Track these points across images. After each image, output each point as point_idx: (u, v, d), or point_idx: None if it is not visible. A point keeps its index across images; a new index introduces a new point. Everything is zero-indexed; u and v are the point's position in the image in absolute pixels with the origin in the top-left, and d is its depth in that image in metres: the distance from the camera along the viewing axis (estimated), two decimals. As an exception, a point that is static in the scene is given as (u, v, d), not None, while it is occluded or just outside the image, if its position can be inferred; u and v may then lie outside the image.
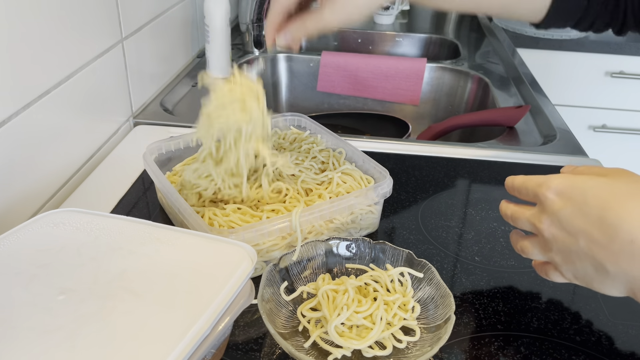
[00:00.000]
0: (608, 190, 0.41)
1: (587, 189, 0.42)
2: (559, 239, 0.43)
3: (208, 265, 0.42)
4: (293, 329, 0.50)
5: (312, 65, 1.25)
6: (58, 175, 0.69)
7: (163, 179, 0.60)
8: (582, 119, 1.66)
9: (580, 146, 0.87)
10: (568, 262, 0.44)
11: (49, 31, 0.64)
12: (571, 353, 0.50)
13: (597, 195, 0.41)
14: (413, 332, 0.50)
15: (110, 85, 0.81)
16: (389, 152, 0.83)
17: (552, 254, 0.45)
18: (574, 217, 0.42)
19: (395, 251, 0.56)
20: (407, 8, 1.60)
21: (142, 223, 0.47)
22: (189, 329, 0.36)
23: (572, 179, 0.43)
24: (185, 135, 0.69)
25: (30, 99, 0.62)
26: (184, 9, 1.07)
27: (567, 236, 0.43)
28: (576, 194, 0.42)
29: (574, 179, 0.43)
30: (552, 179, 0.44)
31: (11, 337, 0.35)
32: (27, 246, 0.43)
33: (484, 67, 1.23)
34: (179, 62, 1.09)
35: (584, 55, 1.55)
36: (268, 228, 0.54)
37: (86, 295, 0.38)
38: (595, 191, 0.41)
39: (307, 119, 0.76)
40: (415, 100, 1.23)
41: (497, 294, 0.57)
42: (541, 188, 0.44)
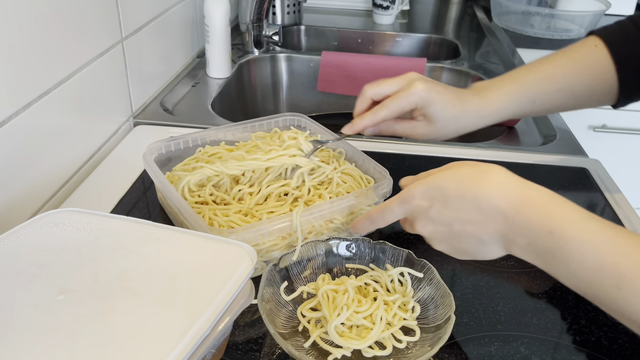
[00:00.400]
0: (458, 180, 0.48)
1: (442, 185, 0.49)
2: (436, 233, 0.50)
3: (208, 265, 0.42)
4: (293, 329, 0.50)
5: (312, 65, 1.25)
6: (58, 175, 0.69)
7: (163, 179, 0.60)
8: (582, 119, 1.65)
9: (580, 146, 0.87)
10: (452, 247, 0.51)
11: (49, 31, 0.64)
12: (571, 353, 0.50)
13: (451, 187, 0.48)
14: (413, 332, 0.50)
15: (110, 85, 0.81)
16: (389, 152, 0.83)
17: (437, 245, 0.52)
18: (442, 211, 0.48)
19: (395, 251, 0.56)
20: (407, 8, 1.60)
21: (142, 223, 0.47)
22: (189, 329, 0.36)
23: (426, 182, 0.50)
24: (185, 136, 0.69)
25: (30, 99, 0.62)
26: (184, 9, 1.07)
27: (442, 227, 0.49)
28: (435, 193, 0.49)
29: (427, 181, 0.50)
30: (410, 190, 0.50)
31: (11, 337, 0.35)
32: (27, 246, 0.43)
33: (484, 67, 1.22)
34: (179, 62, 1.09)
35: (584, 55, 1.54)
36: (268, 228, 0.54)
37: (86, 295, 0.38)
38: (449, 184, 0.48)
39: (307, 119, 0.76)
40: (415, 100, 1.23)
41: (497, 294, 0.57)
42: (406, 202, 0.51)
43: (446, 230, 0.49)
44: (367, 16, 1.58)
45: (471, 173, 0.48)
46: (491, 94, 0.65)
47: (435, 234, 0.50)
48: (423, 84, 0.62)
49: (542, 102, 0.65)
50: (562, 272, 0.43)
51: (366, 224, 0.55)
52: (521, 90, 0.65)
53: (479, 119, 0.65)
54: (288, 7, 1.41)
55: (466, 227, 0.48)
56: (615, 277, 0.39)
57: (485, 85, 0.67)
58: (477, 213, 0.47)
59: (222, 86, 1.06)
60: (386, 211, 0.53)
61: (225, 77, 1.09)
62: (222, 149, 0.68)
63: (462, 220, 0.48)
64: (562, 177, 0.79)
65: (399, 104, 0.62)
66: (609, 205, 0.73)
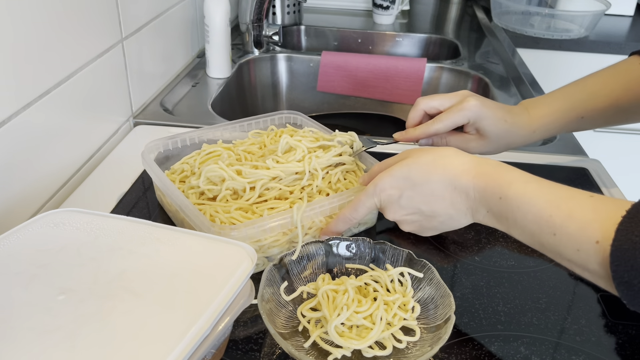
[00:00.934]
0: (421, 166, 0.53)
1: (408, 174, 0.54)
2: (408, 216, 0.55)
3: (208, 265, 0.42)
4: (293, 329, 0.50)
5: (312, 65, 1.25)
6: (58, 175, 0.69)
7: (162, 176, 0.60)
8: (582, 119, 1.65)
9: (580, 146, 0.87)
10: (422, 227, 0.56)
11: (49, 31, 0.64)
12: (571, 353, 0.50)
13: (417, 174, 0.53)
14: (413, 332, 0.50)
15: (110, 85, 0.81)
16: (389, 152, 0.83)
17: (407, 227, 0.57)
18: (411, 197, 0.54)
19: (395, 251, 0.56)
20: (407, 8, 1.60)
21: (142, 223, 0.47)
22: (189, 329, 0.36)
23: (392, 173, 0.54)
24: (183, 134, 0.69)
25: (30, 99, 0.62)
26: (184, 9, 1.07)
27: (413, 211, 0.55)
28: (403, 182, 0.54)
29: (392, 171, 0.54)
30: (378, 182, 0.55)
31: (11, 337, 0.35)
32: (27, 246, 0.43)
33: (484, 67, 1.22)
34: (179, 62, 1.09)
35: (584, 55, 1.54)
36: (269, 224, 0.54)
37: (86, 295, 0.38)
38: (414, 172, 0.53)
39: (303, 117, 0.76)
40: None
41: (497, 294, 0.57)
42: (377, 195, 0.55)
43: (417, 213, 0.55)
44: (367, 16, 1.58)
45: (432, 159, 0.53)
46: (540, 110, 0.68)
47: (406, 217, 0.56)
48: (476, 99, 0.65)
49: (590, 118, 0.68)
50: (515, 230, 0.49)
51: (340, 225, 0.58)
52: (569, 107, 0.67)
53: (529, 134, 0.68)
54: (288, 7, 1.41)
55: (435, 207, 0.54)
56: (550, 226, 0.46)
57: (534, 102, 0.69)
58: (444, 194, 0.52)
59: (222, 86, 1.06)
60: (358, 205, 0.57)
61: (225, 77, 1.09)
62: (220, 147, 0.68)
63: (430, 202, 0.53)
64: (562, 177, 0.79)
65: (453, 118, 0.65)
66: (609, 205, 0.73)
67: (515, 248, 0.63)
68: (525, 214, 0.47)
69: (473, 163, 0.52)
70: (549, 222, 0.46)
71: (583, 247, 0.43)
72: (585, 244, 0.43)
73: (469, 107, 0.64)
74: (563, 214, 0.45)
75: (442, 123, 0.65)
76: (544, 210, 0.46)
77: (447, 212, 0.53)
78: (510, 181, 0.49)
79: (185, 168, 0.66)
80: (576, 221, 0.44)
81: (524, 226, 0.48)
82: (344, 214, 0.58)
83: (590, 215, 0.44)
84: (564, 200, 0.46)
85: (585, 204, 0.45)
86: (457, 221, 0.54)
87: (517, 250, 0.63)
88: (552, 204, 0.46)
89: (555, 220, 0.45)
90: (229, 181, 0.59)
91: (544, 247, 0.47)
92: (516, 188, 0.48)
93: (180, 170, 0.66)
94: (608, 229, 0.41)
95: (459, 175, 0.52)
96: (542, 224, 0.46)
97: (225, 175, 0.59)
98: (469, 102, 0.65)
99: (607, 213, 0.42)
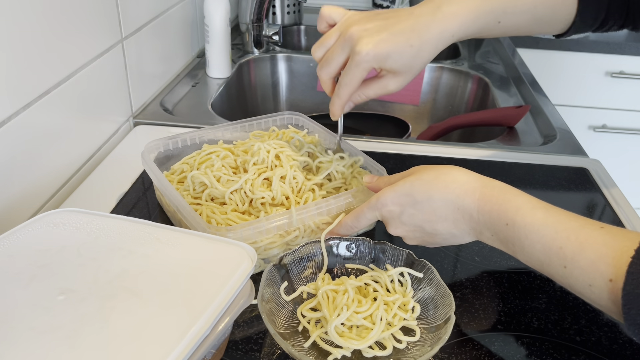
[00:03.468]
0: (424, 184, 0.52)
1: (410, 191, 0.52)
2: (409, 232, 0.54)
3: (208, 265, 0.42)
4: (293, 329, 0.50)
5: (312, 65, 1.25)
6: (58, 175, 0.69)
7: (161, 176, 0.60)
8: (582, 119, 1.65)
9: (580, 146, 0.87)
10: (425, 242, 0.55)
11: (49, 31, 0.64)
12: (571, 353, 0.50)
13: (419, 192, 0.52)
14: (413, 332, 0.50)
15: (110, 85, 0.81)
16: (389, 152, 0.83)
17: (410, 241, 0.56)
18: (413, 214, 0.53)
19: (395, 251, 0.56)
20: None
21: (142, 223, 0.47)
22: (189, 329, 0.36)
23: (395, 189, 0.53)
24: (183, 134, 0.69)
25: (30, 99, 0.62)
26: (184, 9, 1.07)
27: (415, 229, 0.54)
28: (404, 199, 0.53)
29: (396, 188, 0.53)
30: (381, 197, 0.54)
31: (11, 337, 0.35)
32: (27, 246, 0.43)
33: (484, 67, 1.22)
34: (179, 62, 1.09)
35: (584, 55, 1.55)
36: (266, 225, 0.54)
37: (86, 295, 0.38)
38: (416, 189, 0.52)
39: (305, 118, 0.76)
40: (415, 100, 1.23)
41: (497, 294, 0.57)
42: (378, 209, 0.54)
43: (418, 230, 0.54)
44: (367, 16, 1.57)
45: (435, 176, 0.52)
46: (454, 8, 0.58)
47: (409, 234, 0.55)
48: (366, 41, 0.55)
49: (506, 22, 0.62)
50: (522, 256, 0.48)
51: (341, 230, 0.58)
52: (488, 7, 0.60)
53: (444, 41, 0.58)
54: (288, 7, 1.41)
55: (437, 226, 0.52)
56: (561, 258, 0.44)
57: None
58: (446, 213, 0.51)
59: (222, 86, 1.06)
60: (359, 217, 0.56)
61: (225, 77, 1.09)
62: (220, 148, 0.68)
63: (432, 221, 0.52)
64: (562, 177, 0.79)
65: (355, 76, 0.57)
66: (609, 205, 0.73)
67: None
68: (533, 243, 0.46)
69: (478, 183, 0.51)
70: (559, 254, 0.44)
71: (595, 283, 0.42)
72: (598, 281, 0.42)
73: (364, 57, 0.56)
74: (574, 247, 0.43)
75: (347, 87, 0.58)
76: (554, 241, 0.45)
77: (450, 231, 0.52)
78: (518, 207, 0.47)
79: (185, 168, 0.66)
80: (588, 255, 0.42)
81: (532, 254, 0.46)
82: (346, 222, 0.57)
83: (602, 249, 0.42)
84: (573, 231, 0.44)
85: (596, 237, 0.43)
86: (461, 239, 0.53)
87: (517, 250, 0.63)
88: (562, 235, 0.44)
89: (565, 252, 0.44)
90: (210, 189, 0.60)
91: (554, 276, 0.46)
92: (523, 215, 0.47)
93: (180, 170, 0.66)
94: (621, 267, 0.40)
95: (463, 195, 0.50)
96: (551, 255, 0.45)
97: (207, 181, 0.60)
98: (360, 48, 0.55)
99: (620, 249, 0.41)
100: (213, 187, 0.60)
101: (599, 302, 0.43)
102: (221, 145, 0.69)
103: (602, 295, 0.42)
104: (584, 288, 0.43)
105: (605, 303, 0.42)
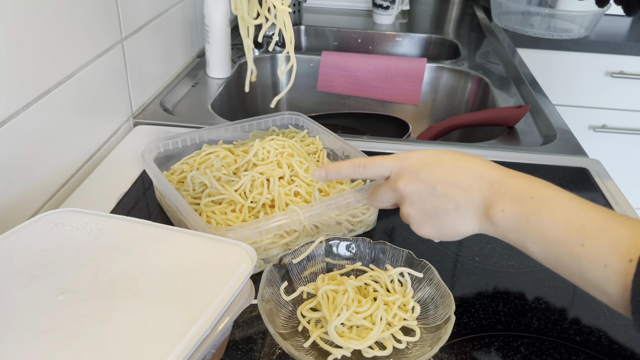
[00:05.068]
0: (453, 154, 0.52)
1: (439, 154, 0.52)
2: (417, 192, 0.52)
3: (208, 265, 0.42)
4: (293, 329, 0.50)
5: (312, 65, 1.25)
6: (58, 175, 0.69)
7: (161, 176, 0.60)
8: (582, 119, 1.65)
9: (580, 146, 0.87)
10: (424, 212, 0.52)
11: (49, 31, 0.64)
12: (571, 353, 0.50)
13: (448, 157, 0.52)
14: (413, 332, 0.50)
15: (110, 85, 0.81)
16: (389, 152, 0.83)
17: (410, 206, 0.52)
18: (432, 171, 0.51)
19: (395, 251, 0.56)
20: (407, 8, 1.60)
21: (142, 223, 0.47)
22: (189, 329, 0.36)
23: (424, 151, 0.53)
24: (183, 134, 0.69)
25: (30, 99, 0.62)
26: (184, 9, 1.07)
27: (426, 187, 0.51)
28: (432, 158, 0.52)
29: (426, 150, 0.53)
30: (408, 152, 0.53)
31: (11, 337, 0.35)
32: (27, 246, 0.43)
33: (484, 67, 1.22)
34: (179, 62, 1.09)
35: (584, 55, 1.54)
36: (266, 226, 0.54)
37: (86, 295, 0.38)
38: (446, 155, 0.52)
39: (305, 118, 0.76)
40: (416, 100, 1.23)
41: (497, 294, 0.57)
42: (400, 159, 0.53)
43: (428, 190, 0.51)
44: (367, 16, 1.58)
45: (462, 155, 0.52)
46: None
47: (415, 193, 0.52)
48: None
49: None
50: (533, 234, 0.46)
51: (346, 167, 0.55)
52: None
53: None
54: (288, 7, 1.41)
55: (449, 190, 0.50)
56: (581, 235, 0.43)
57: None
58: (465, 179, 0.50)
59: (222, 86, 1.06)
60: (374, 162, 0.54)
61: (225, 77, 1.09)
62: (220, 148, 0.68)
63: (448, 183, 0.50)
64: (562, 177, 0.79)
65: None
66: (609, 205, 0.73)
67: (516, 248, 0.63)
68: (554, 217, 0.45)
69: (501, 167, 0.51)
70: (579, 231, 0.43)
71: (612, 264, 0.41)
72: (615, 261, 0.41)
73: None
74: (597, 225, 0.42)
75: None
76: (577, 218, 0.44)
77: (457, 201, 0.50)
78: (546, 184, 0.48)
79: (185, 168, 0.66)
80: (611, 234, 0.42)
81: (549, 230, 0.45)
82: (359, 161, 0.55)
83: (625, 231, 0.41)
84: (598, 211, 0.44)
85: (620, 220, 0.43)
86: (460, 218, 0.50)
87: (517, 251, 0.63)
88: (587, 214, 0.44)
89: (588, 229, 0.43)
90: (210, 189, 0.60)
91: (561, 259, 0.44)
92: (551, 190, 0.47)
93: (180, 170, 0.66)
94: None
95: (491, 168, 0.50)
96: (571, 231, 0.43)
97: (207, 182, 0.60)
98: None
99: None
100: (213, 187, 0.60)
101: (606, 287, 0.41)
102: (221, 145, 0.69)
103: (614, 278, 0.41)
104: (596, 269, 0.42)
105: (614, 289, 0.41)
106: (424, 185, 0.51)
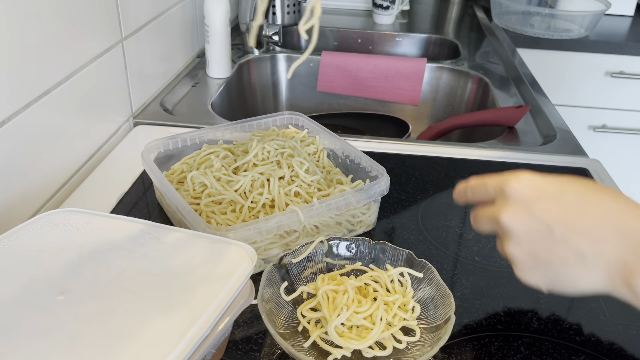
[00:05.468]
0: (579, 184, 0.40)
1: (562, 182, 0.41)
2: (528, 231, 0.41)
3: (208, 265, 0.42)
4: (293, 329, 0.50)
5: (312, 65, 1.25)
6: (58, 175, 0.69)
7: (161, 176, 0.60)
8: (582, 119, 1.65)
9: (580, 146, 0.87)
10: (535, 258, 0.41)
11: (49, 31, 0.64)
12: (571, 353, 0.50)
13: (574, 187, 0.40)
14: (413, 332, 0.50)
15: (110, 85, 0.81)
16: (389, 152, 0.83)
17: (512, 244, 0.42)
18: (550, 208, 0.40)
19: (395, 251, 0.56)
20: (407, 8, 1.60)
21: (142, 223, 0.47)
22: (189, 329, 0.36)
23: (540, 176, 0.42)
24: (184, 134, 0.69)
25: (30, 99, 0.62)
26: (184, 9, 1.07)
27: (540, 227, 0.40)
28: (551, 187, 0.41)
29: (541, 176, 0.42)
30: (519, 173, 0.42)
31: (11, 337, 0.35)
32: (27, 246, 0.43)
33: (484, 67, 1.22)
34: (179, 62, 1.09)
35: (584, 55, 1.55)
36: (266, 226, 0.54)
37: (86, 295, 0.38)
38: (571, 183, 0.40)
39: (305, 118, 0.76)
40: (415, 101, 1.23)
41: (497, 294, 0.57)
42: (509, 181, 0.42)
43: (542, 230, 0.40)
44: (367, 16, 1.58)
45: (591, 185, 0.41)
46: None
47: (524, 232, 0.41)
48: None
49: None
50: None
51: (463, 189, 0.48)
52: None
53: None
54: (288, 7, 1.41)
55: (571, 236, 0.39)
56: None
57: None
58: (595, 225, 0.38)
59: (222, 86, 1.06)
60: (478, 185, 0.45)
61: (225, 77, 1.09)
62: (220, 148, 0.68)
63: (571, 226, 0.39)
64: (562, 177, 0.79)
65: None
66: (609, 205, 0.73)
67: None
68: None
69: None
70: None
71: None
72: None
73: None
74: None
75: None
76: None
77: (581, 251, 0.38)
78: None
79: (185, 168, 0.66)
80: None
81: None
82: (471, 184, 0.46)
83: None
84: None
85: None
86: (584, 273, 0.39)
87: (517, 250, 0.63)
88: None
89: None
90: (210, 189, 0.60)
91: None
92: None
93: (180, 170, 0.66)
94: None
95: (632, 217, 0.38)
96: None
97: (206, 182, 0.60)
98: None
99: None
100: (213, 187, 0.60)
101: None
102: (221, 145, 0.69)
103: None
104: None
105: None
106: (537, 224, 0.40)
